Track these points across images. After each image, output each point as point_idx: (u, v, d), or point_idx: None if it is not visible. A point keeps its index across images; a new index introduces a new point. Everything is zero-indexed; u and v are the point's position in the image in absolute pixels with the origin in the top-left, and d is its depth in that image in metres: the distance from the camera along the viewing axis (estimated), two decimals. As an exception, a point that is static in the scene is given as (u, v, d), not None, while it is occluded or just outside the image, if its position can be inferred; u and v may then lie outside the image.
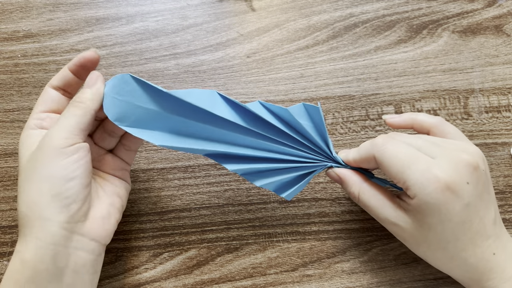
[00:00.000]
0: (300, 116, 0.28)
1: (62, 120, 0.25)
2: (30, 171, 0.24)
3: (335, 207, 0.34)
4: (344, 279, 0.32)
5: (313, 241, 0.33)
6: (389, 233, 0.28)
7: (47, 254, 0.23)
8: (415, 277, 0.32)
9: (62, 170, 0.24)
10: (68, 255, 0.24)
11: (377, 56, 0.37)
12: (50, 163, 0.24)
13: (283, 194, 0.29)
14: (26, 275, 0.23)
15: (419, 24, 0.38)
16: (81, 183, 0.25)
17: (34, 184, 0.24)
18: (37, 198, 0.24)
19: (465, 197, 0.24)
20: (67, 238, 0.24)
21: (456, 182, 0.24)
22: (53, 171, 0.24)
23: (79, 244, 0.25)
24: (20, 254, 0.24)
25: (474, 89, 0.36)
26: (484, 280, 0.25)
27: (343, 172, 0.29)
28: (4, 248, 0.33)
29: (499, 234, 0.25)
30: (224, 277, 0.32)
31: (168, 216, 0.33)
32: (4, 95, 0.36)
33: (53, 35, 0.38)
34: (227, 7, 0.39)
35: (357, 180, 0.28)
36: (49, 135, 0.25)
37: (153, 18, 0.38)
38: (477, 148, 0.26)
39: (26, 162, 0.25)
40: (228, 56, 0.37)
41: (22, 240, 0.24)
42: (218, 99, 0.27)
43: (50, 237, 0.23)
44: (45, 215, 0.23)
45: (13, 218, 0.33)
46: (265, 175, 0.29)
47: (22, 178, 0.25)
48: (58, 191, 0.24)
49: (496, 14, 0.38)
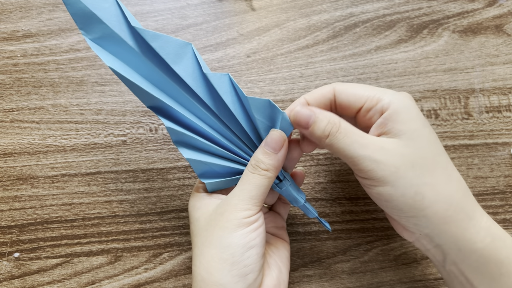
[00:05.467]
0: (258, 111, 0.25)
1: (246, 189, 0.24)
2: (210, 236, 0.24)
3: (335, 207, 0.34)
4: (344, 279, 0.32)
5: (313, 241, 0.33)
6: (390, 233, 0.27)
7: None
8: (415, 277, 0.32)
9: (242, 238, 0.24)
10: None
11: (377, 56, 0.37)
12: (231, 232, 0.24)
13: (205, 180, 0.27)
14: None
15: (420, 23, 0.38)
16: (259, 252, 0.24)
17: (214, 250, 0.24)
18: (216, 265, 0.23)
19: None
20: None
21: (408, 96, 0.25)
22: (234, 239, 0.23)
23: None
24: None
25: (475, 89, 0.36)
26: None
27: (312, 108, 0.25)
28: (4, 248, 0.33)
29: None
30: (224, 277, 0.32)
31: (168, 216, 0.33)
32: (4, 95, 0.36)
33: (52, 34, 0.38)
34: (227, 6, 0.39)
35: (331, 116, 0.25)
36: (232, 203, 0.24)
37: (153, 17, 0.38)
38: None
39: (205, 225, 0.25)
40: (228, 55, 0.37)
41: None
42: (188, 53, 0.25)
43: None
44: (223, 282, 0.23)
45: (12, 218, 0.33)
46: (196, 150, 0.27)
47: (200, 241, 0.25)
48: (238, 259, 0.23)
49: (497, 13, 0.38)
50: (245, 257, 0.24)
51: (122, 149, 0.35)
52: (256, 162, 0.25)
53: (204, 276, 0.24)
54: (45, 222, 0.33)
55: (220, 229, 0.24)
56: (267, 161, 0.25)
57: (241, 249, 0.23)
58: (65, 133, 0.35)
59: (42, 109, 0.36)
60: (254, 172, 0.25)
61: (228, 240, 0.24)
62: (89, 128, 0.35)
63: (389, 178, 0.23)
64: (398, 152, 0.23)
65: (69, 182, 0.34)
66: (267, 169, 0.25)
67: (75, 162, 0.35)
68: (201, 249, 0.24)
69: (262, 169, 0.25)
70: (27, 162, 0.35)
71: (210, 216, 0.25)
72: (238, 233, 0.24)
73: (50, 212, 0.33)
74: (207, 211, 0.25)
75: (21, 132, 0.35)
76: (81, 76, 0.36)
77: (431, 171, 0.24)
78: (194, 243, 0.25)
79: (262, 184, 0.24)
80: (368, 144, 0.23)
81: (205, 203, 0.26)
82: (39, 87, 0.36)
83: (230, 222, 0.24)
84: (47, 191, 0.34)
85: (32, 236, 0.33)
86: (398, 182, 0.23)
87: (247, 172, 0.25)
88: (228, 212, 0.24)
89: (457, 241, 0.24)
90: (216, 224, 0.24)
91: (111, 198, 0.34)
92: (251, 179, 0.25)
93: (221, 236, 0.24)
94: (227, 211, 0.24)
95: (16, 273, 0.32)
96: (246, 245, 0.24)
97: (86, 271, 0.32)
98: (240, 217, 0.24)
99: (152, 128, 0.35)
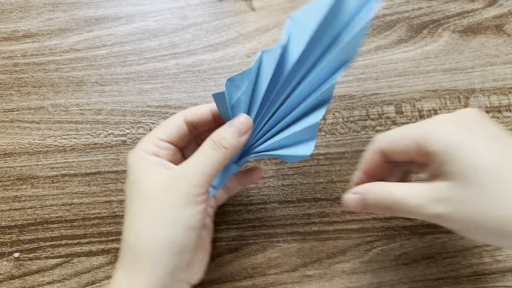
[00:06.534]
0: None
1: (202, 164, 0.23)
2: (154, 208, 0.23)
3: (335, 207, 0.34)
4: (345, 279, 0.32)
5: (313, 241, 0.33)
6: (390, 233, 0.27)
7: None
8: (415, 277, 0.32)
9: (189, 218, 0.23)
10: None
11: (378, 56, 0.37)
12: (179, 209, 0.23)
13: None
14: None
15: (420, 23, 0.38)
16: (199, 233, 0.24)
17: (156, 224, 0.23)
18: (154, 240, 0.23)
19: (482, 122, 0.22)
20: (170, 284, 0.23)
21: (463, 118, 0.22)
22: (180, 218, 0.23)
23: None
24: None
25: (475, 89, 0.36)
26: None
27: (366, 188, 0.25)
28: (4, 248, 0.33)
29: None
30: (224, 278, 0.32)
31: (168, 216, 0.33)
32: (4, 95, 0.36)
33: (52, 34, 0.38)
34: (227, 6, 0.39)
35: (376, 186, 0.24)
36: (186, 177, 0.23)
37: (153, 17, 0.38)
38: None
39: (150, 195, 0.23)
40: (228, 55, 0.37)
41: (126, 274, 0.23)
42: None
43: (159, 282, 0.23)
44: (159, 258, 0.22)
45: (12, 218, 0.33)
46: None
47: (140, 209, 0.23)
48: (178, 238, 0.23)
49: (497, 13, 0.38)
50: (185, 236, 0.23)
51: (122, 149, 0.35)
52: (219, 139, 0.24)
53: (138, 250, 0.23)
54: (45, 222, 0.33)
55: (168, 204, 0.23)
56: (230, 140, 0.24)
57: (184, 229, 0.23)
58: (65, 133, 0.35)
59: (42, 109, 0.36)
60: (214, 148, 0.24)
61: (174, 217, 0.23)
62: (89, 128, 0.35)
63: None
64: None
65: (69, 182, 0.34)
66: (227, 148, 0.24)
67: (75, 162, 0.35)
68: (141, 219, 0.23)
69: (223, 147, 0.24)
70: (27, 162, 0.35)
71: (158, 186, 0.23)
72: (185, 213, 0.23)
73: (50, 212, 0.33)
74: (154, 180, 0.24)
75: (21, 132, 0.35)
76: (81, 76, 0.36)
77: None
78: (131, 209, 0.24)
79: (219, 162, 0.24)
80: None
81: (148, 166, 0.24)
82: (39, 87, 0.36)
83: (179, 198, 0.23)
84: (47, 191, 0.34)
85: (32, 236, 0.33)
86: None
87: (206, 148, 0.24)
88: (180, 187, 0.23)
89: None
90: (165, 197, 0.23)
91: (111, 198, 0.34)
92: (209, 155, 0.24)
93: (166, 212, 0.23)
94: (179, 186, 0.23)
95: (16, 273, 0.32)
96: (190, 226, 0.23)
97: (86, 271, 0.32)
98: (191, 193, 0.23)
99: (152, 128, 0.35)
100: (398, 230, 0.33)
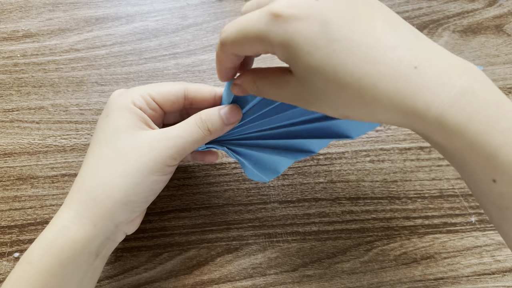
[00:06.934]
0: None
1: (184, 140, 0.24)
2: (122, 160, 0.23)
3: (335, 207, 0.34)
4: (344, 279, 0.32)
5: (313, 241, 0.33)
6: (390, 233, 0.27)
7: (96, 242, 0.24)
8: (415, 277, 0.32)
9: (154, 184, 0.24)
10: (107, 244, 0.25)
11: (378, 56, 0.37)
12: (148, 173, 0.23)
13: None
14: (70, 253, 0.23)
15: (420, 23, 0.38)
16: (153, 199, 0.25)
17: (121, 178, 0.23)
18: (115, 193, 0.23)
19: (316, 15, 0.18)
20: (114, 233, 0.25)
21: (295, 4, 0.18)
22: (146, 181, 0.23)
23: (118, 237, 0.26)
24: (69, 231, 0.23)
25: (475, 89, 0.36)
26: (422, 107, 0.17)
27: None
28: (3, 248, 0.33)
29: (414, 45, 0.18)
30: (224, 278, 0.32)
31: (168, 216, 0.33)
32: (4, 95, 0.36)
33: (52, 34, 0.38)
34: (227, 6, 0.39)
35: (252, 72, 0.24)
36: (165, 145, 0.23)
37: (153, 17, 0.38)
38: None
39: (122, 144, 0.24)
40: (228, 55, 0.37)
41: (76, 217, 0.23)
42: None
43: (106, 230, 0.24)
44: (113, 211, 0.23)
45: (12, 218, 0.33)
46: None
47: (108, 155, 0.24)
48: (137, 199, 0.24)
49: (497, 13, 0.38)
50: (143, 199, 0.24)
51: (122, 149, 0.35)
52: (207, 120, 0.24)
53: (96, 194, 0.23)
54: (45, 222, 0.33)
55: (139, 164, 0.23)
56: (217, 126, 0.24)
57: (146, 192, 0.24)
58: (65, 133, 0.35)
59: (42, 109, 0.36)
60: (200, 127, 0.24)
61: (141, 179, 0.23)
62: (89, 128, 0.35)
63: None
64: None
65: (69, 182, 0.34)
66: (211, 132, 0.24)
67: (75, 162, 0.35)
68: (107, 166, 0.23)
69: (208, 129, 0.24)
70: (27, 162, 0.35)
71: (134, 142, 0.24)
72: (152, 179, 0.24)
73: (50, 212, 0.33)
74: (133, 134, 0.24)
75: (21, 132, 0.35)
76: (81, 76, 0.36)
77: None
78: (99, 150, 0.24)
79: (198, 142, 0.24)
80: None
81: (136, 126, 0.24)
82: (39, 87, 0.36)
83: (154, 163, 0.23)
84: (47, 191, 0.34)
85: (32, 236, 0.33)
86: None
87: (193, 123, 0.24)
88: (156, 152, 0.23)
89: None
90: (138, 156, 0.23)
91: (111, 198, 0.34)
92: (194, 133, 0.24)
93: (136, 171, 0.23)
94: (156, 150, 0.23)
95: (16, 273, 0.32)
96: (152, 191, 0.24)
97: (86, 271, 0.32)
98: (165, 163, 0.23)
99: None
100: (398, 230, 0.33)
